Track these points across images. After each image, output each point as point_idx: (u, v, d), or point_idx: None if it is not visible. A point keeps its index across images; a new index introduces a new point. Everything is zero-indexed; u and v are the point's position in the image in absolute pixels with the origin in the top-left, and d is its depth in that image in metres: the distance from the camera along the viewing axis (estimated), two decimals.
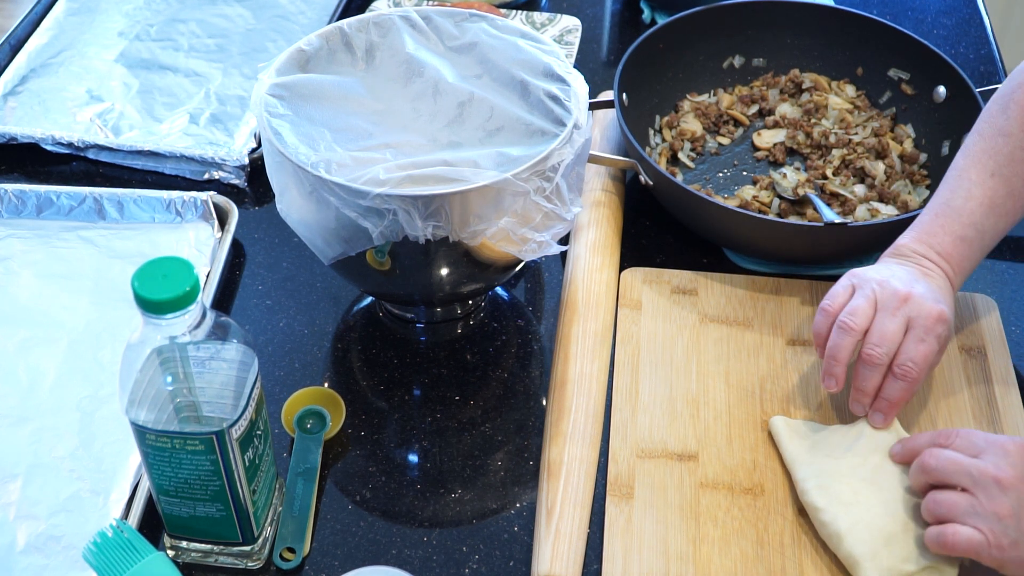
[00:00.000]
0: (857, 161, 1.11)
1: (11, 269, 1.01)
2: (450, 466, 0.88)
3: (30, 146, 1.14)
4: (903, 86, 1.17)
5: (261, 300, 1.01)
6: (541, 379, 0.95)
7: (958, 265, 0.88)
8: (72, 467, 0.86)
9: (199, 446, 0.71)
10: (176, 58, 1.26)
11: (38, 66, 1.24)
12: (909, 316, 0.83)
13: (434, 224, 0.79)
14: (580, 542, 0.81)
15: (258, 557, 0.81)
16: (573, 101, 0.87)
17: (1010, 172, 0.88)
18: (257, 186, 1.12)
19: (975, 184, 0.89)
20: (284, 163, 0.82)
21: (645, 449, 0.87)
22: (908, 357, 0.83)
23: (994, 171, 0.88)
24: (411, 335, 0.98)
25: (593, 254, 1.00)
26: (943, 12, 1.40)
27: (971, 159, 0.90)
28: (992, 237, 0.89)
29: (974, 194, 0.88)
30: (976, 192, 0.88)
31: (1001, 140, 0.89)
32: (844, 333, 0.84)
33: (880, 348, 0.83)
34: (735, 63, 1.22)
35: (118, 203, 1.06)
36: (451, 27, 0.94)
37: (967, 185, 0.89)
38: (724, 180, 1.13)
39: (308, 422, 0.88)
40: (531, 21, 1.29)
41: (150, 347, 0.69)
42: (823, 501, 0.81)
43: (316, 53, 0.92)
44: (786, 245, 0.99)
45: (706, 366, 0.94)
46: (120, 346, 0.73)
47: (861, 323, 0.84)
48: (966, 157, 0.91)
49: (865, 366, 0.84)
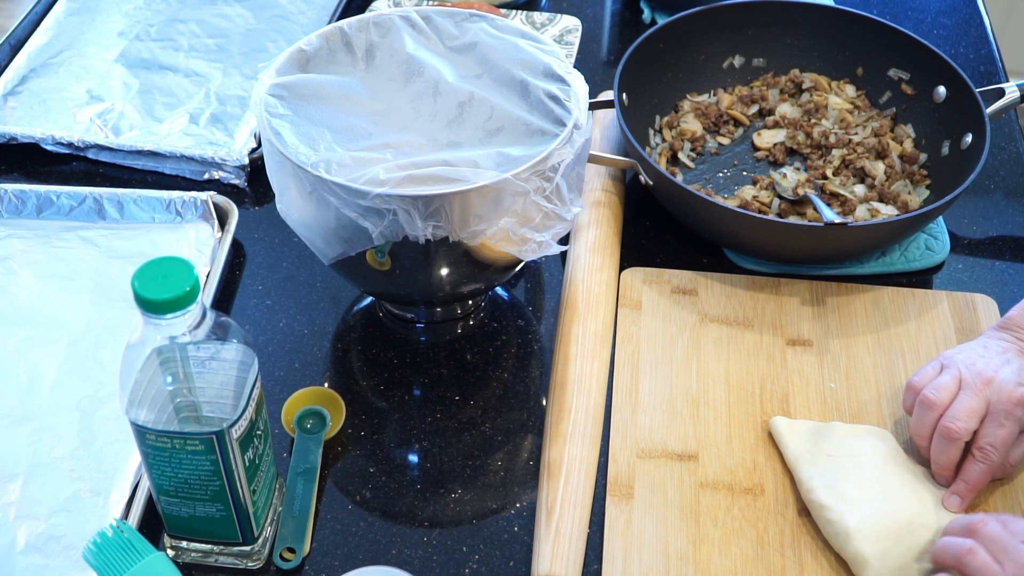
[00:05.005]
0: (857, 161, 1.11)
1: (11, 269, 1.01)
2: (450, 466, 0.88)
3: (30, 146, 1.14)
4: (903, 86, 1.17)
5: (261, 300, 1.01)
6: (541, 379, 0.95)
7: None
8: (72, 467, 0.86)
9: (199, 446, 0.71)
10: (176, 58, 1.26)
11: (38, 66, 1.24)
12: (990, 399, 0.83)
13: (434, 224, 0.79)
14: (580, 542, 0.81)
15: (258, 557, 0.81)
16: (573, 101, 0.87)
17: None
18: (257, 186, 1.12)
19: None
20: (284, 163, 0.82)
21: (645, 449, 0.87)
22: (987, 440, 0.83)
23: None
24: (411, 335, 0.98)
25: (593, 254, 1.00)
26: (943, 12, 1.40)
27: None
28: None
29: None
30: None
31: None
32: (927, 408, 0.84)
33: (959, 422, 0.82)
34: (735, 63, 1.22)
35: (118, 203, 1.06)
36: (451, 27, 0.94)
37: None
38: (724, 180, 1.13)
39: (308, 422, 0.88)
40: (531, 21, 1.29)
41: (150, 347, 0.69)
42: (830, 499, 0.81)
43: (316, 53, 0.92)
44: (786, 245, 0.99)
45: (706, 366, 0.94)
46: (120, 346, 0.73)
47: (944, 399, 0.83)
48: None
49: (943, 439, 0.83)
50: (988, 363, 0.85)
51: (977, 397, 0.83)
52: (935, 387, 0.84)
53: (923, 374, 0.86)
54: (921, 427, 0.84)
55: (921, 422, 0.84)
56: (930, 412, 0.84)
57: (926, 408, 0.84)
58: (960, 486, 0.83)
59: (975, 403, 0.83)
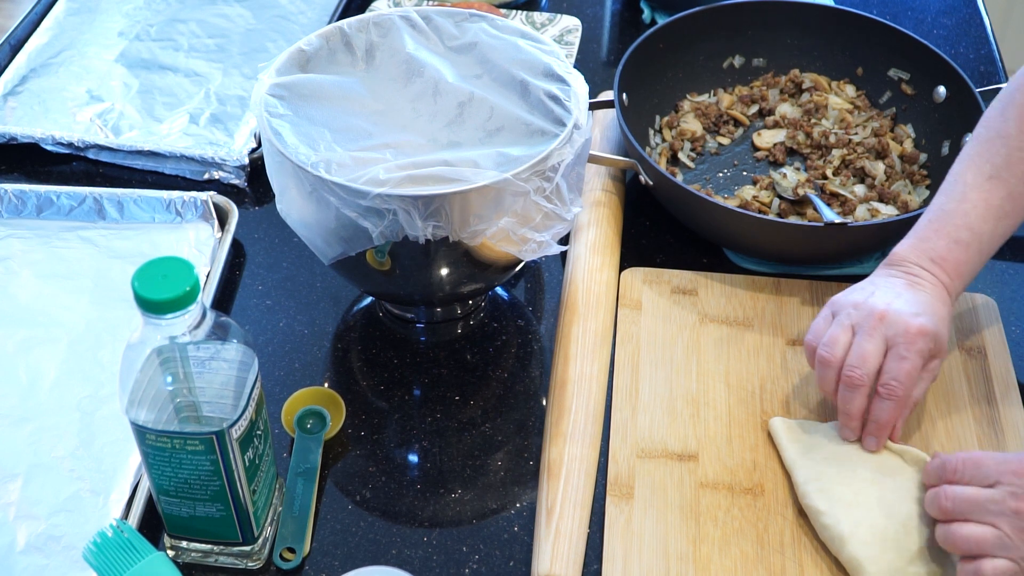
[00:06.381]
0: (857, 161, 1.11)
1: (11, 269, 1.01)
2: (450, 466, 0.88)
3: (30, 146, 1.14)
4: (903, 86, 1.17)
5: (261, 300, 1.01)
6: (541, 379, 0.95)
7: (954, 270, 0.86)
8: (72, 467, 0.86)
9: (199, 446, 0.71)
10: (176, 58, 1.26)
11: (38, 66, 1.24)
12: (887, 335, 0.82)
13: (434, 224, 0.79)
14: (580, 542, 0.81)
15: (258, 557, 0.81)
16: (573, 101, 0.87)
17: (1008, 174, 0.87)
18: (257, 186, 1.12)
19: (971, 187, 0.87)
20: (284, 163, 0.82)
21: (645, 449, 0.87)
22: (891, 376, 0.82)
23: (991, 174, 0.87)
24: (411, 335, 0.98)
25: (593, 254, 1.00)
26: (943, 12, 1.40)
27: (967, 163, 0.89)
28: (991, 240, 0.88)
29: (969, 197, 0.87)
30: (972, 195, 0.87)
31: (999, 142, 0.88)
32: (825, 366, 0.84)
33: (859, 369, 0.82)
34: (735, 63, 1.22)
35: (118, 203, 1.06)
36: (451, 27, 0.94)
37: (962, 188, 0.88)
38: (724, 180, 1.13)
39: (308, 422, 0.88)
40: (531, 21, 1.29)
41: (150, 347, 0.69)
42: (824, 504, 0.81)
43: (316, 53, 0.92)
44: (786, 245, 0.99)
45: (706, 366, 0.94)
46: (120, 346, 0.73)
47: (839, 353, 0.83)
48: (962, 161, 0.90)
49: (846, 388, 0.83)
50: (878, 299, 0.84)
51: (872, 337, 0.82)
52: (827, 344, 0.84)
53: (815, 330, 0.86)
54: (825, 384, 0.84)
55: (824, 379, 0.84)
56: (829, 369, 0.83)
57: (825, 367, 0.84)
58: (872, 426, 0.83)
59: (871, 344, 0.82)
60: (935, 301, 0.85)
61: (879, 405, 0.83)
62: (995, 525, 0.74)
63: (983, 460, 0.76)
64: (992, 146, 0.88)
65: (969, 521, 0.75)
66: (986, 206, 0.87)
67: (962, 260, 0.87)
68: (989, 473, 0.75)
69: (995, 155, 0.88)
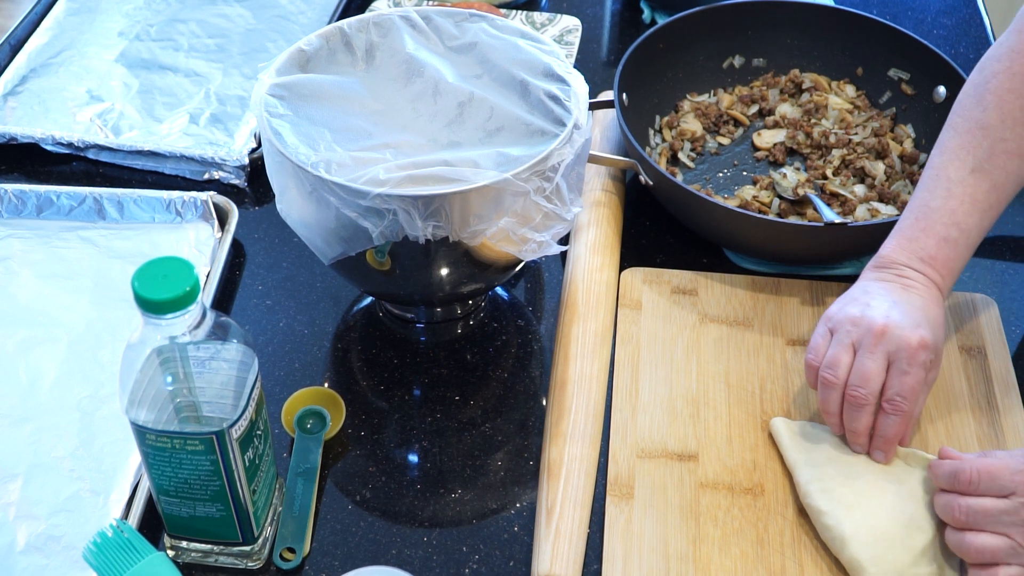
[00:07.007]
0: (857, 161, 1.11)
1: (11, 269, 1.01)
2: (450, 466, 0.88)
3: (30, 146, 1.14)
4: (903, 86, 1.17)
5: (261, 300, 1.01)
6: (541, 379, 0.95)
7: (944, 268, 0.86)
8: (72, 467, 0.86)
9: (199, 446, 0.71)
10: (176, 58, 1.26)
11: (38, 66, 1.24)
12: (888, 350, 0.81)
13: (434, 224, 0.79)
14: (580, 542, 0.81)
15: (258, 557, 0.81)
16: (573, 101, 0.87)
17: (991, 166, 0.85)
18: (257, 186, 1.12)
19: (954, 182, 0.86)
20: (284, 163, 0.82)
21: (645, 449, 0.87)
22: (895, 392, 0.81)
23: (974, 167, 0.86)
24: (411, 335, 0.98)
25: (593, 254, 1.00)
26: (943, 12, 1.40)
27: (948, 156, 0.87)
28: (978, 234, 0.86)
29: (954, 192, 0.86)
30: (956, 190, 0.86)
31: (979, 133, 0.86)
32: (828, 388, 0.83)
33: (863, 389, 0.81)
34: (735, 63, 1.22)
35: (118, 203, 1.06)
36: (451, 27, 0.95)
37: (946, 184, 0.86)
38: (724, 180, 1.13)
39: (308, 422, 0.88)
40: (531, 21, 1.29)
41: (150, 347, 0.69)
42: (826, 504, 0.81)
43: (316, 53, 0.92)
44: (786, 245, 0.99)
45: (706, 366, 0.94)
46: (120, 346, 0.73)
47: (842, 374, 0.82)
48: (942, 154, 0.88)
49: (852, 408, 0.82)
50: (875, 311, 0.83)
51: (874, 355, 0.81)
52: (829, 365, 0.83)
53: (815, 348, 0.85)
54: (829, 404, 0.83)
55: (828, 400, 0.83)
56: (833, 391, 0.83)
57: (828, 388, 0.83)
58: (880, 441, 0.83)
59: (874, 363, 0.81)
60: (930, 304, 0.84)
61: (885, 421, 0.82)
62: (1009, 536, 0.74)
63: (999, 471, 0.75)
64: (973, 137, 0.86)
65: (983, 531, 0.75)
66: (972, 201, 0.85)
67: (952, 257, 0.86)
68: (1005, 484, 0.75)
69: (977, 147, 0.86)
